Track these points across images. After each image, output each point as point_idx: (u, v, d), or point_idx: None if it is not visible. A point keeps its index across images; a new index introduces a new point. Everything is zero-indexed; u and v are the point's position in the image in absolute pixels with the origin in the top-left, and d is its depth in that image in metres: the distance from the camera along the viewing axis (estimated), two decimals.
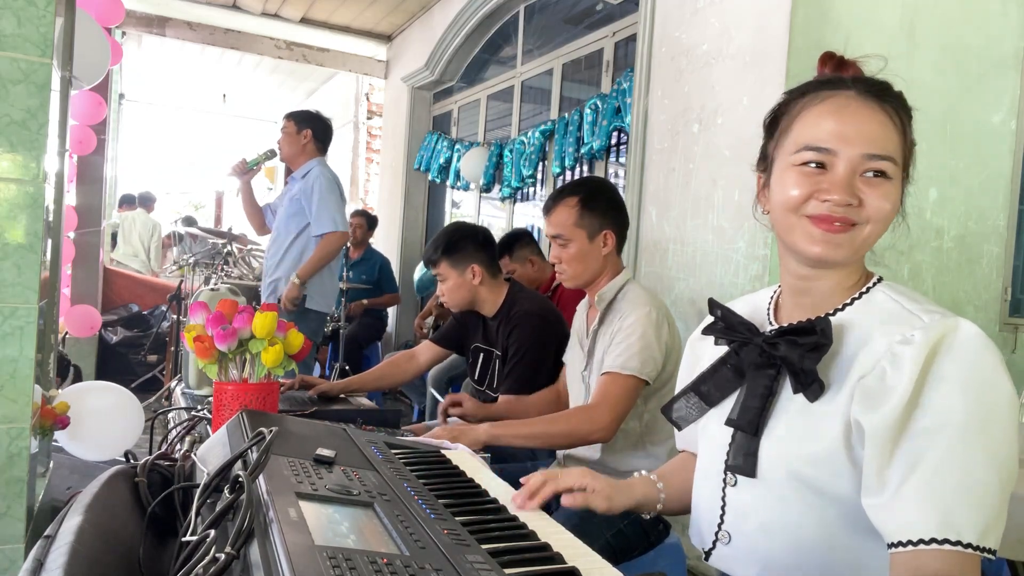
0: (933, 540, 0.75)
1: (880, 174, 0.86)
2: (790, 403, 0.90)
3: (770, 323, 0.99)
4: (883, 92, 0.89)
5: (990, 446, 0.77)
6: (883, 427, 0.79)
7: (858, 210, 0.86)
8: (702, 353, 1.09)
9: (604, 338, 1.72)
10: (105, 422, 1.98)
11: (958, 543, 0.75)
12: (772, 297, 1.03)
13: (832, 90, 0.89)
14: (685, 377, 1.11)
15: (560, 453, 1.84)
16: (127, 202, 7.69)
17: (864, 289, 0.92)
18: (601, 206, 1.74)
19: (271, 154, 3.45)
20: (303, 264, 3.22)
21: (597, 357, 1.73)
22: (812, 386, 0.86)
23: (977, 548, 0.75)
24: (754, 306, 1.05)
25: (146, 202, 7.62)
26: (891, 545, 0.79)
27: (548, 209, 1.79)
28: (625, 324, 1.66)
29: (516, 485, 1.11)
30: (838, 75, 0.92)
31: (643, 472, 1.16)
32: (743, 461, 0.93)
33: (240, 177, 3.41)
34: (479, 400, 2.11)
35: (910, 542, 0.77)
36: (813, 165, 0.87)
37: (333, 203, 3.25)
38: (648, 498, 1.12)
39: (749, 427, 0.92)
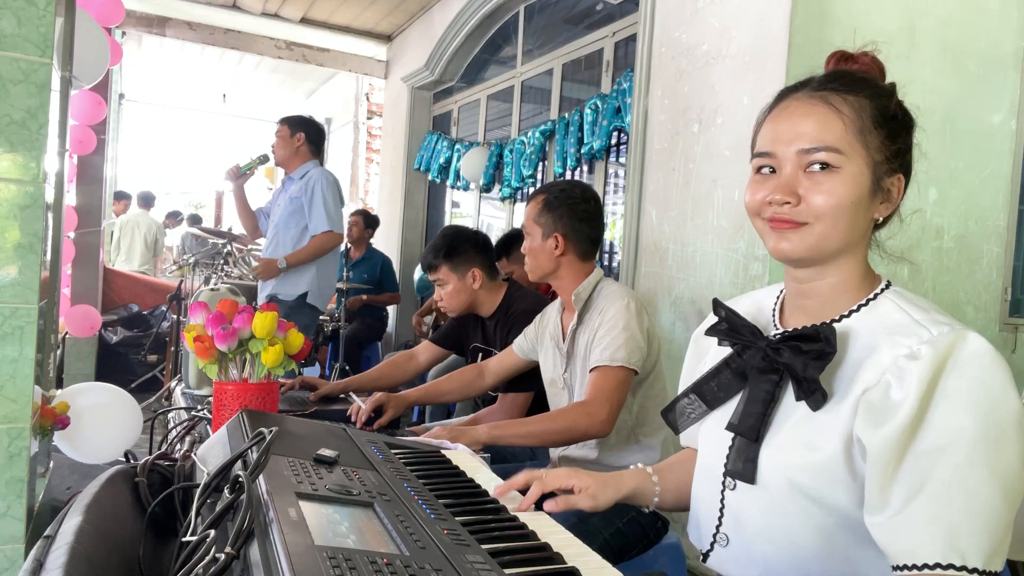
0: (938, 565, 0.75)
1: (824, 166, 0.86)
2: (792, 410, 0.89)
3: (775, 326, 0.98)
4: (833, 83, 0.89)
5: (997, 466, 0.76)
6: (887, 445, 0.78)
7: (799, 209, 0.87)
8: (706, 350, 1.08)
9: (585, 335, 1.73)
10: (104, 423, 1.98)
11: (963, 568, 0.74)
12: (778, 298, 1.01)
13: (789, 94, 0.92)
14: (688, 373, 1.11)
15: (554, 454, 1.84)
16: (122, 198, 7.66)
17: (871, 295, 0.90)
18: (560, 210, 1.77)
19: (264, 159, 3.52)
20: (295, 251, 3.33)
21: (579, 356, 1.74)
22: (815, 395, 0.84)
23: (983, 573, 0.75)
24: (759, 306, 1.03)
25: (147, 201, 7.61)
26: (896, 567, 0.78)
27: (527, 201, 1.86)
28: (606, 318, 1.67)
29: None
30: (807, 77, 0.93)
31: (639, 465, 1.16)
32: (743, 467, 0.92)
33: (234, 181, 3.49)
34: (476, 401, 2.11)
35: (915, 566, 0.76)
36: (766, 171, 0.91)
37: (332, 204, 3.34)
38: (641, 490, 1.12)
39: (750, 433, 0.91)
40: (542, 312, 1.96)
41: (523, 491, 1.08)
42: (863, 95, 0.88)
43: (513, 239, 3.45)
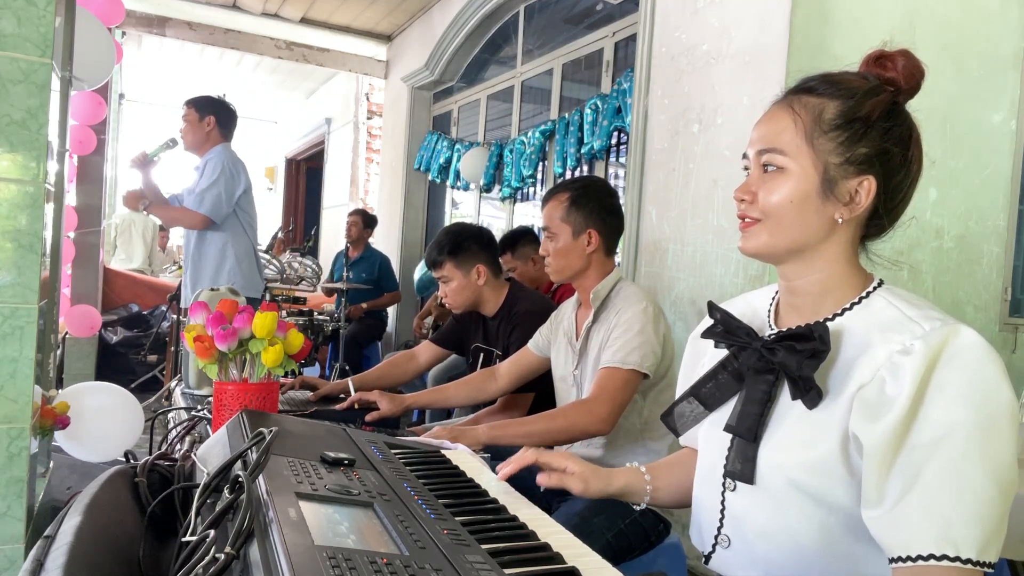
0: (932, 556, 0.75)
1: (772, 166, 0.91)
2: (789, 409, 0.90)
3: (770, 327, 0.99)
4: (811, 83, 0.93)
5: (990, 458, 0.76)
6: (882, 440, 0.79)
7: (752, 206, 0.92)
8: (702, 352, 1.09)
9: (599, 335, 1.72)
10: (104, 424, 1.97)
11: (957, 559, 0.75)
12: (773, 299, 1.02)
13: (780, 97, 0.96)
14: (686, 376, 1.12)
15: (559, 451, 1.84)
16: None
17: (864, 293, 0.91)
18: (589, 205, 1.76)
19: (172, 143, 3.33)
20: (162, 195, 3.20)
21: (591, 354, 1.74)
22: (810, 393, 0.85)
23: (976, 563, 0.75)
24: (753, 307, 1.04)
25: None
26: (892, 560, 0.79)
27: (543, 201, 1.84)
28: (622, 319, 1.67)
29: (516, 485, 1.12)
30: (800, 80, 0.95)
31: (635, 464, 1.17)
32: (742, 467, 0.92)
33: (141, 169, 3.28)
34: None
35: (910, 558, 0.77)
36: (746, 171, 0.96)
37: (215, 186, 3.16)
38: (632, 488, 1.13)
39: (748, 433, 0.91)
40: (557, 309, 1.96)
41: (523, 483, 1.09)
42: (830, 96, 0.90)
43: (520, 236, 3.46)
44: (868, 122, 0.88)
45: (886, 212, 0.91)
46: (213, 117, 3.28)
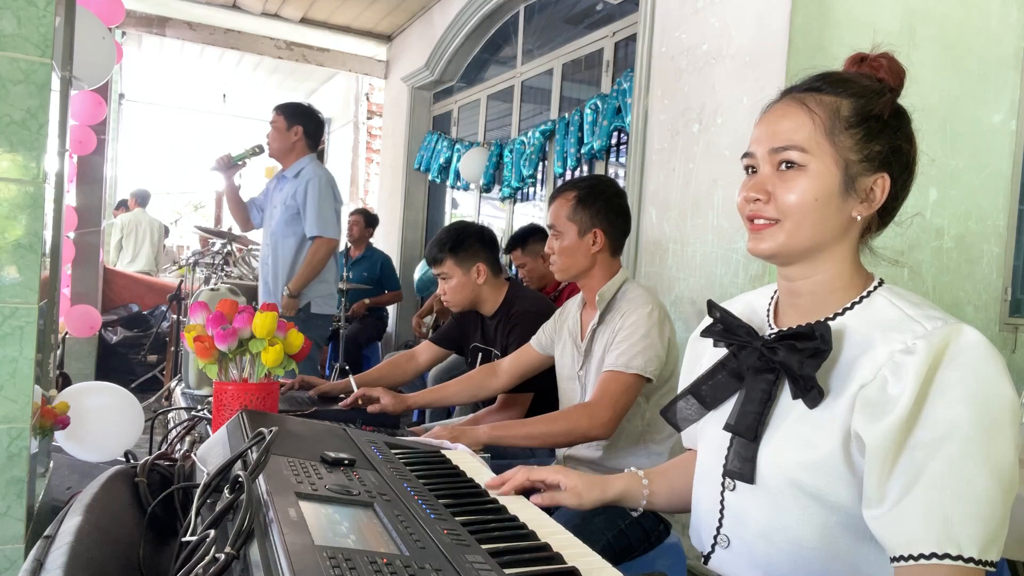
0: (934, 555, 0.75)
1: (789, 165, 0.89)
2: (789, 409, 0.89)
3: (770, 326, 0.99)
4: (818, 82, 0.92)
5: (992, 457, 0.76)
6: (884, 439, 0.79)
7: (767, 206, 0.90)
8: (702, 353, 1.09)
9: (604, 337, 1.72)
10: (105, 423, 1.98)
11: (959, 557, 0.75)
12: (772, 298, 1.02)
13: (780, 96, 0.95)
14: (686, 375, 1.11)
15: (560, 453, 1.84)
16: (123, 205, 7.62)
17: (864, 293, 0.91)
18: (596, 205, 1.75)
19: (258, 150, 3.32)
20: (294, 276, 3.14)
21: (596, 356, 1.73)
22: (811, 392, 0.85)
23: (979, 562, 0.75)
24: (752, 307, 1.04)
25: (144, 200, 7.53)
26: (893, 559, 0.79)
27: (550, 199, 1.83)
28: (627, 323, 1.66)
29: None
30: (801, 79, 0.95)
31: (633, 469, 1.17)
32: (741, 467, 0.92)
33: (224, 172, 3.28)
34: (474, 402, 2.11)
35: (912, 556, 0.77)
36: (749, 171, 0.94)
37: (327, 206, 3.15)
38: (629, 493, 1.13)
39: (747, 432, 0.91)
40: (562, 307, 1.96)
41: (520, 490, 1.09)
42: (843, 95, 0.90)
43: (531, 232, 3.48)
44: (881, 120, 0.89)
45: (895, 208, 0.93)
46: (301, 127, 3.23)
